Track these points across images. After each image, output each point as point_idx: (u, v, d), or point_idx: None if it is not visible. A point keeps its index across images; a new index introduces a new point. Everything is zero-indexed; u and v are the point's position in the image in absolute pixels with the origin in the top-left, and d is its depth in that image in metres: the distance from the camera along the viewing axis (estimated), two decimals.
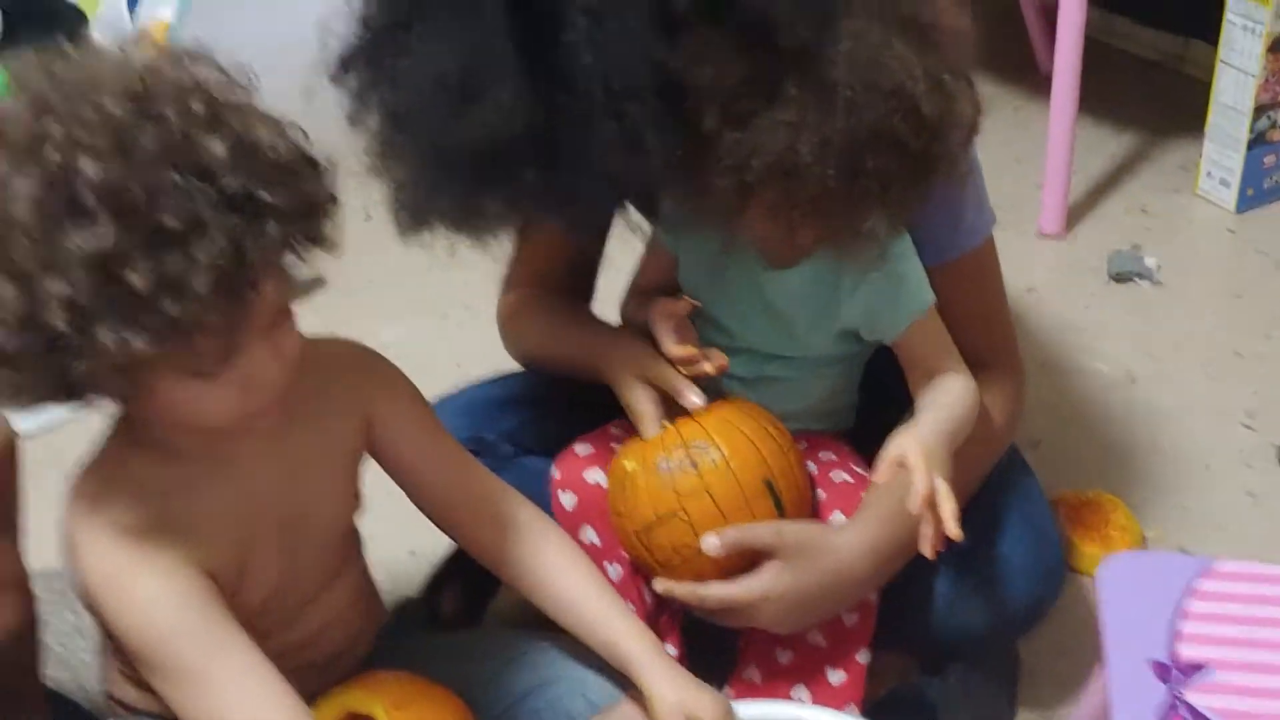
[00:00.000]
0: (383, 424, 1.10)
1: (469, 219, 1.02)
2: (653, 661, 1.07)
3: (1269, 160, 2.08)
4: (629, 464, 1.16)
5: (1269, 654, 0.97)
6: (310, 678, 1.04)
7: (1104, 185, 2.19)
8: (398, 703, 1.05)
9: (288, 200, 0.84)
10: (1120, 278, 1.96)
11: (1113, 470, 1.62)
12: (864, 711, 1.22)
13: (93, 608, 0.96)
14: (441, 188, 0.99)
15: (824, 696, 1.20)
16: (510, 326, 1.38)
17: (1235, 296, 1.93)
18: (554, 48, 0.92)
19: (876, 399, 1.25)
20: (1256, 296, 1.92)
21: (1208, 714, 0.93)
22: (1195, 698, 0.95)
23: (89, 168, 0.78)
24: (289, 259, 0.89)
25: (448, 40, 0.94)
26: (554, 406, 1.36)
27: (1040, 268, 2.01)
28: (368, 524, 1.16)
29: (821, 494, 1.22)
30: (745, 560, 1.13)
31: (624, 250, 1.28)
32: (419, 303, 1.95)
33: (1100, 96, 2.18)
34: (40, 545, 1.07)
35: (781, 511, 1.15)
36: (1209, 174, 2.13)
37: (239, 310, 0.85)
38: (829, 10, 0.94)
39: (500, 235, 1.08)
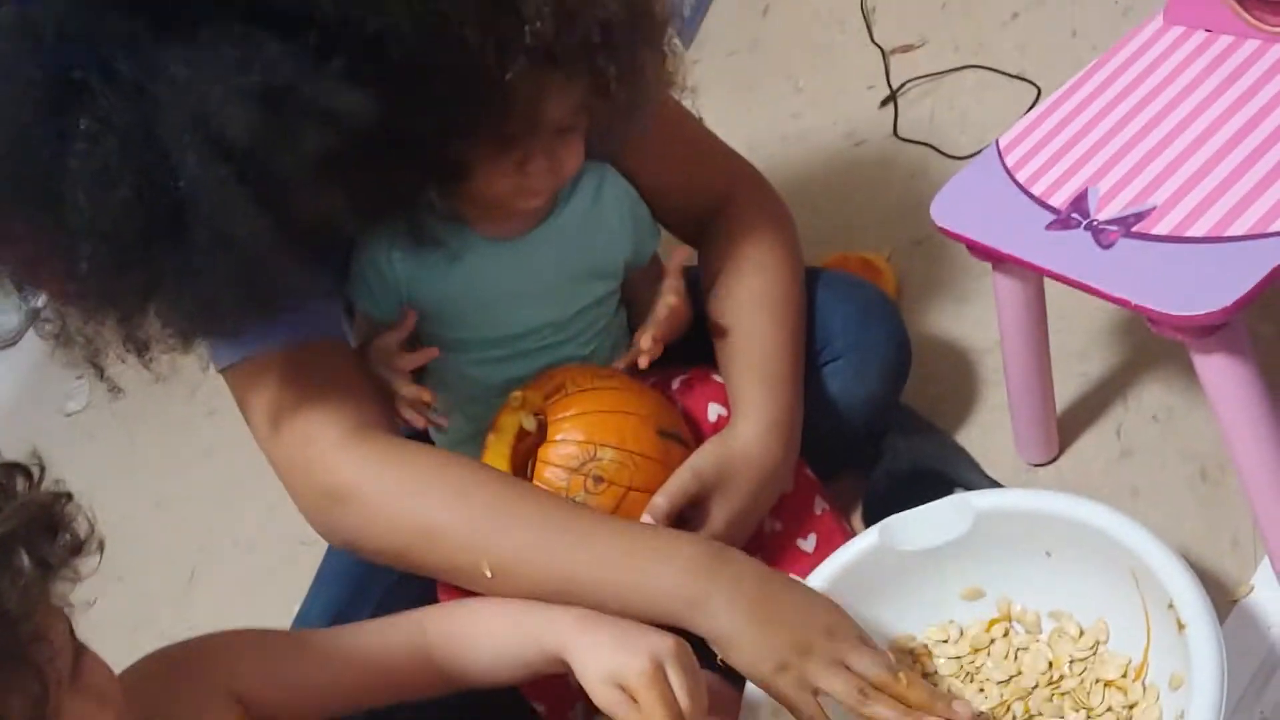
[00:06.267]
0: (262, 688, 0.88)
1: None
2: (574, 636, 0.88)
3: None
4: None
5: (1109, 148, 0.94)
6: None
7: None
8: None
9: None
10: None
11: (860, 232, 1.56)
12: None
13: None
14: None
15: (805, 568, 1.08)
16: (392, 505, 0.96)
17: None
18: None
19: None
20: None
21: (1131, 210, 0.88)
22: (1108, 211, 0.89)
23: None
24: None
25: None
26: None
27: None
28: None
29: (679, 402, 1.12)
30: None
31: None
32: None
33: None
34: None
35: (684, 444, 1.05)
36: None
37: None
38: None
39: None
